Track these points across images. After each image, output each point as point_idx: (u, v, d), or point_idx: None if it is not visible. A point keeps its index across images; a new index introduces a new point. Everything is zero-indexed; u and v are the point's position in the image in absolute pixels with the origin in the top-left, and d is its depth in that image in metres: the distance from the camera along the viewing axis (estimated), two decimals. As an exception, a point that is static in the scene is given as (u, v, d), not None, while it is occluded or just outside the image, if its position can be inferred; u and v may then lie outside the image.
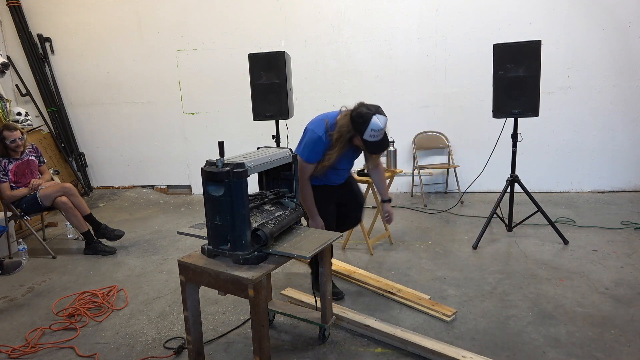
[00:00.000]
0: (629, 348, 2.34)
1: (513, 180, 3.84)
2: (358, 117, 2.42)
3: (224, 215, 1.97)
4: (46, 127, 6.04)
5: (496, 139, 4.10)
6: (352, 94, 5.52)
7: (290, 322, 2.72)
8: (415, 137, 5.51)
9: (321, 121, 2.58)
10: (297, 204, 2.37)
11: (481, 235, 3.84)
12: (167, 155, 6.13)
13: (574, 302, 2.82)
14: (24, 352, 2.52)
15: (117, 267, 3.72)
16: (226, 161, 1.97)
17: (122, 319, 2.87)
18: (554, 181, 5.41)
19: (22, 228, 4.55)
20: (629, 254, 3.52)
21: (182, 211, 5.42)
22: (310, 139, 2.56)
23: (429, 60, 5.36)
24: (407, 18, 5.30)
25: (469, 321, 2.65)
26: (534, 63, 3.47)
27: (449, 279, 3.21)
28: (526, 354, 2.32)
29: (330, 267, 2.43)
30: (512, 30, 5.02)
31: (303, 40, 5.52)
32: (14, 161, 3.97)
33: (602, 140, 5.22)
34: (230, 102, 5.78)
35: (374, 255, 3.71)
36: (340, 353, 2.39)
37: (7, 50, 5.97)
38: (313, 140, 2.54)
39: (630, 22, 4.91)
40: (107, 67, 5.99)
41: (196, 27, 5.70)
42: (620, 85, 5.07)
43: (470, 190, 5.22)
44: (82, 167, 6.26)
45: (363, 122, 2.40)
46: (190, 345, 2.19)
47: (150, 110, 6.04)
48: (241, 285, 1.93)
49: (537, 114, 3.56)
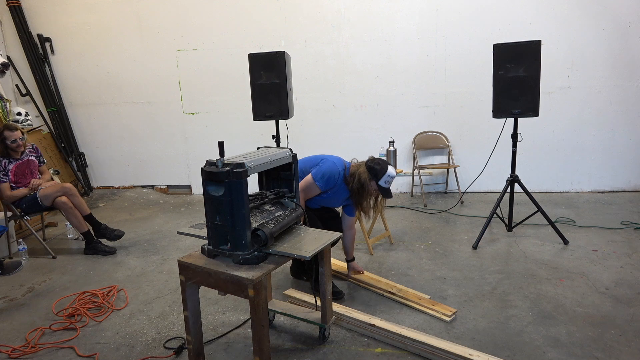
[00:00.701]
0: (629, 348, 2.34)
1: (513, 180, 3.84)
2: (376, 165, 2.77)
3: (224, 215, 1.97)
4: (46, 127, 6.04)
5: (496, 139, 4.11)
6: (352, 94, 5.53)
7: (290, 322, 2.72)
8: (415, 137, 5.51)
9: (340, 161, 2.90)
10: (297, 204, 2.37)
11: (481, 235, 3.84)
12: (167, 155, 6.14)
13: (574, 302, 2.82)
14: (24, 352, 2.52)
15: (117, 267, 3.72)
16: (226, 161, 1.97)
17: (122, 319, 2.87)
18: (554, 181, 5.41)
19: (22, 228, 4.55)
20: (629, 254, 3.52)
21: (182, 211, 5.42)
22: (330, 170, 2.81)
23: (429, 60, 5.36)
24: (407, 18, 5.31)
25: (469, 321, 2.65)
26: (534, 63, 3.47)
27: (449, 279, 3.21)
28: (526, 354, 2.32)
29: (330, 267, 2.43)
30: (512, 30, 5.02)
31: (303, 40, 5.52)
32: (14, 161, 3.97)
33: (602, 140, 5.23)
34: (230, 102, 5.78)
35: (374, 255, 3.71)
36: (340, 353, 2.39)
37: (7, 50, 5.97)
38: (332, 172, 2.81)
39: (630, 22, 4.91)
40: (107, 67, 5.99)
41: (196, 27, 5.70)
42: (620, 85, 5.07)
43: (470, 190, 5.23)
44: (82, 167, 6.26)
45: (381, 169, 2.75)
46: (190, 345, 2.19)
47: (150, 110, 6.04)
48: (241, 285, 1.93)
49: (537, 114, 3.56)
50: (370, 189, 2.78)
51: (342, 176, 2.83)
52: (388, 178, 2.75)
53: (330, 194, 2.89)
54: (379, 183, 2.75)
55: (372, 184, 2.76)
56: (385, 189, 2.78)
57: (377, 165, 2.76)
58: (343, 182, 2.84)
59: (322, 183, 2.79)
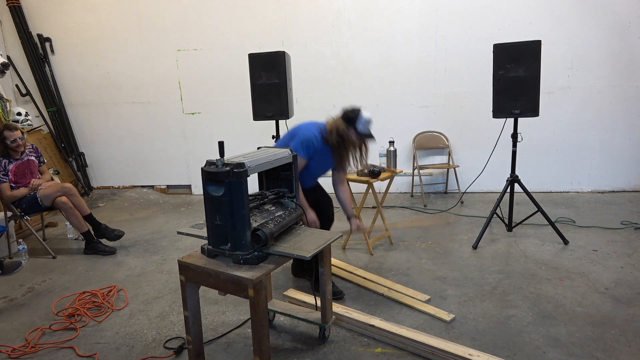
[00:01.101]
0: (629, 348, 2.34)
1: (513, 180, 3.84)
2: (349, 112, 2.78)
3: (224, 215, 1.97)
4: (46, 127, 6.04)
5: (496, 139, 4.11)
6: (352, 94, 5.53)
7: (290, 322, 2.72)
8: (415, 137, 5.51)
9: (314, 124, 2.83)
10: (297, 204, 2.37)
11: (481, 235, 3.84)
12: (167, 155, 6.14)
13: (574, 302, 2.82)
14: (24, 352, 2.52)
15: (117, 267, 3.72)
16: (226, 161, 1.97)
17: (122, 319, 2.87)
18: (554, 181, 5.41)
19: (22, 228, 4.55)
20: (629, 254, 3.52)
21: (182, 211, 5.42)
22: (305, 136, 2.75)
23: (429, 60, 5.36)
24: (407, 18, 5.31)
25: (469, 321, 2.65)
26: (534, 63, 3.47)
27: (449, 279, 3.21)
28: (526, 354, 2.32)
29: (330, 267, 2.43)
30: (512, 30, 5.02)
31: (303, 40, 5.52)
32: (14, 161, 3.97)
33: (602, 140, 5.22)
34: (230, 102, 5.78)
35: (374, 255, 3.71)
36: (340, 353, 2.39)
37: (7, 50, 5.97)
38: (308, 137, 2.74)
39: (630, 22, 4.91)
40: (107, 67, 5.99)
41: (196, 27, 5.70)
42: (620, 85, 5.07)
43: (470, 190, 5.22)
44: (82, 167, 6.26)
45: (355, 114, 2.75)
46: (190, 345, 2.19)
47: (150, 110, 6.04)
48: (241, 285, 1.93)
49: (537, 114, 3.56)
50: (350, 137, 2.76)
51: (320, 138, 2.77)
52: (364, 120, 2.74)
53: (317, 161, 2.83)
54: (357, 128, 2.74)
55: (351, 132, 2.75)
56: (366, 133, 2.77)
57: (351, 113, 2.76)
58: (324, 144, 2.79)
59: (304, 151, 2.73)
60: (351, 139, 2.77)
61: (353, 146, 2.82)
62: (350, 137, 2.76)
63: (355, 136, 2.77)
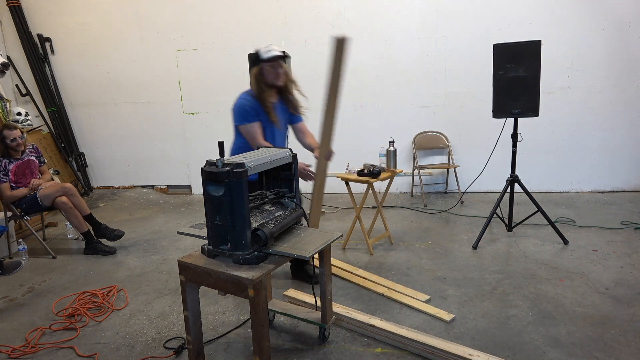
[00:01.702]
0: (629, 348, 2.34)
1: (513, 180, 3.84)
2: (252, 57, 2.93)
3: (224, 215, 1.97)
4: (46, 127, 6.04)
5: (496, 139, 4.10)
6: (351, 93, 5.51)
7: (290, 322, 2.72)
8: (415, 137, 5.51)
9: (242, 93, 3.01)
10: (297, 204, 2.37)
11: (481, 235, 3.84)
12: (167, 155, 6.14)
13: (574, 302, 2.82)
14: (24, 352, 2.52)
15: (117, 267, 3.72)
16: (226, 161, 1.97)
17: (122, 319, 2.87)
18: (554, 181, 5.41)
19: (22, 228, 4.55)
20: (629, 254, 3.52)
21: (182, 211, 5.42)
22: (236, 105, 2.94)
23: (429, 60, 5.36)
24: (407, 18, 5.31)
25: (469, 321, 2.65)
26: (534, 63, 3.47)
27: (449, 279, 3.21)
28: (526, 354, 2.32)
29: (330, 267, 2.43)
30: (512, 30, 5.02)
31: (303, 40, 5.52)
32: (15, 161, 3.97)
33: (602, 140, 5.22)
34: (230, 102, 5.64)
35: (374, 255, 3.71)
36: (340, 353, 2.39)
37: (7, 50, 5.97)
38: (239, 104, 2.93)
39: (630, 22, 4.91)
40: (107, 67, 5.99)
41: (196, 27, 5.70)
42: (620, 85, 5.07)
43: (470, 190, 5.22)
44: (82, 167, 6.26)
45: (256, 54, 2.88)
46: (190, 345, 2.19)
47: (150, 110, 6.04)
48: (241, 285, 1.93)
49: (537, 114, 3.56)
50: (264, 71, 2.85)
51: (249, 97, 2.89)
52: (263, 50, 2.84)
53: (266, 122, 2.92)
54: (262, 60, 2.84)
55: (261, 67, 2.86)
56: (270, 56, 2.83)
57: (253, 56, 2.90)
58: (257, 102, 2.89)
59: (245, 117, 2.88)
60: (265, 72, 2.86)
61: (273, 77, 2.88)
62: (264, 71, 2.85)
63: (267, 67, 2.85)
